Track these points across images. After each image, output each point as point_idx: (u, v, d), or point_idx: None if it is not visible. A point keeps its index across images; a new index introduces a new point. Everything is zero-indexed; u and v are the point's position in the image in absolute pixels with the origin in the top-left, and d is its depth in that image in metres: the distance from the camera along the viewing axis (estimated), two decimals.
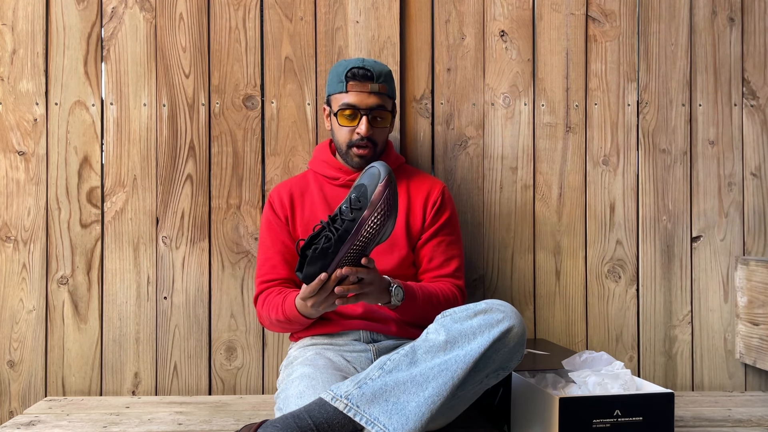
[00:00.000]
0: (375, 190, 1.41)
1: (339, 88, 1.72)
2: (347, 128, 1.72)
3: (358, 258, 1.45)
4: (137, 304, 2.05)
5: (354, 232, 1.41)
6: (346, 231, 1.41)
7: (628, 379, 1.54)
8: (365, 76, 1.69)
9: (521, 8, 2.14)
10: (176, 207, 2.06)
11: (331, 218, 1.44)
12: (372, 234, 1.42)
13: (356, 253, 1.44)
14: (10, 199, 2.04)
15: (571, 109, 2.15)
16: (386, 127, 1.75)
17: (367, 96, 1.70)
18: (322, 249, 1.42)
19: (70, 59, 2.05)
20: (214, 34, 2.08)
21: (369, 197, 1.41)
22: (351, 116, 1.71)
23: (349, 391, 1.34)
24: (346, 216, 1.42)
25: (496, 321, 1.40)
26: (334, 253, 1.42)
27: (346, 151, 1.75)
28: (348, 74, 1.70)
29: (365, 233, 1.41)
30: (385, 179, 1.42)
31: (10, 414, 2.03)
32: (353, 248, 1.43)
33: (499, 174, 2.14)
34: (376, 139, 1.73)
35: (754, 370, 2.17)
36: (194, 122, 2.07)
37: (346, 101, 1.70)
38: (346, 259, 1.43)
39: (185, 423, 1.74)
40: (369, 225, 1.41)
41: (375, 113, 1.71)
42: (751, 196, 2.19)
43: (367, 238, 1.42)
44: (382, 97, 1.72)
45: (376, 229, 1.42)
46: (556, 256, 2.14)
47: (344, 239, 1.42)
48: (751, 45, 2.19)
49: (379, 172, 1.44)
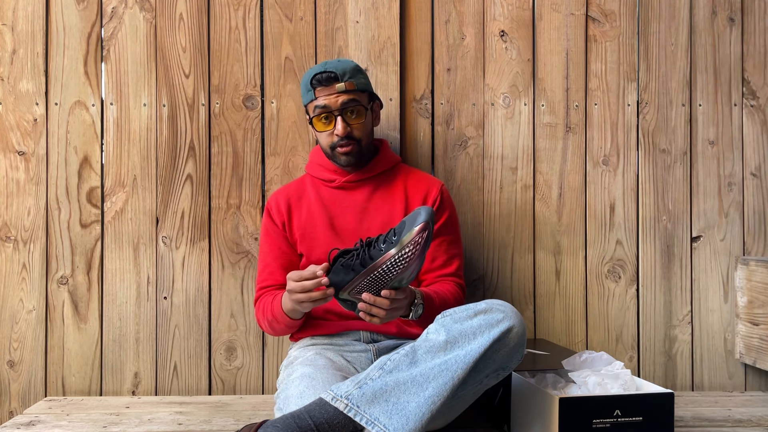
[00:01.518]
0: (411, 231, 1.41)
1: (309, 97, 1.74)
2: (325, 132, 1.73)
3: (379, 287, 1.46)
4: (137, 304, 2.05)
5: (377, 263, 1.43)
6: (371, 258, 1.43)
7: (628, 379, 1.54)
8: (329, 78, 1.70)
9: (521, 8, 2.14)
10: (176, 207, 2.06)
11: (368, 241, 1.47)
12: (393, 272, 1.43)
13: (376, 283, 1.45)
14: (10, 199, 2.04)
15: (571, 109, 2.15)
16: (363, 121, 1.75)
17: (336, 96, 1.70)
18: (347, 265, 1.46)
19: (70, 59, 2.05)
20: (214, 34, 2.08)
21: (403, 236, 1.42)
22: (326, 119, 1.72)
23: (350, 391, 1.34)
24: (378, 245, 1.44)
25: (496, 321, 1.40)
26: (355, 273, 1.45)
27: (331, 153, 1.76)
28: (313, 81, 1.71)
29: (386, 268, 1.42)
30: (421, 225, 1.41)
31: (10, 414, 2.03)
32: (372, 277, 1.44)
33: (499, 174, 2.14)
34: (355, 135, 1.73)
35: (754, 370, 2.17)
36: (194, 122, 2.07)
37: (318, 105, 1.71)
38: (365, 284, 1.46)
39: (185, 423, 1.74)
40: (392, 262, 1.42)
41: (347, 110, 1.72)
42: (751, 196, 2.19)
43: (386, 273, 1.43)
44: (352, 93, 1.72)
45: (399, 269, 1.42)
46: (556, 256, 2.14)
47: (366, 265, 1.44)
48: (751, 45, 2.19)
49: (420, 212, 1.43)
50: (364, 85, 1.76)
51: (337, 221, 1.77)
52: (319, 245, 1.76)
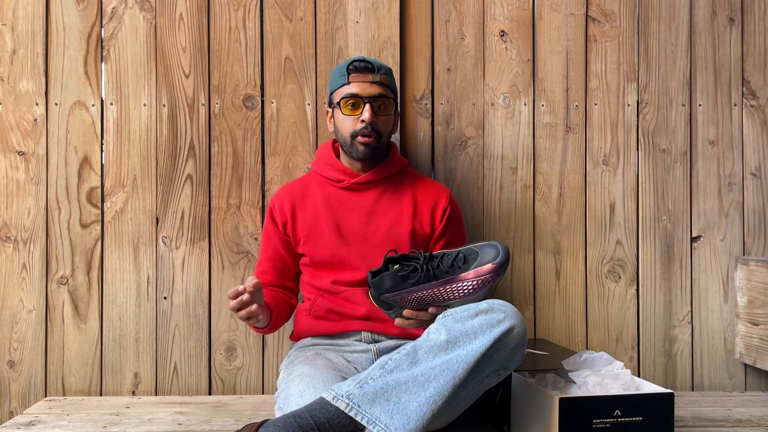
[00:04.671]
0: (485, 264, 1.42)
1: (341, 82, 1.74)
2: (351, 117, 1.73)
3: (426, 304, 1.47)
4: (137, 304, 2.05)
5: (441, 283, 1.43)
6: (435, 276, 1.43)
7: (628, 379, 1.54)
8: (366, 68, 1.72)
9: (521, 8, 2.14)
10: (176, 207, 2.06)
11: (431, 255, 1.46)
12: (451, 296, 1.44)
13: (425, 301, 1.46)
14: (10, 199, 2.04)
15: (571, 109, 2.15)
16: (390, 115, 1.76)
17: (369, 85, 1.72)
18: (404, 276, 1.45)
19: (70, 59, 2.05)
20: (214, 34, 2.08)
21: (474, 265, 1.42)
22: (354, 105, 1.72)
23: (351, 391, 1.34)
24: (444, 265, 1.43)
25: (497, 321, 1.40)
26: (411, 286, 1.44)
27: (351, 142, 1.74)
28: (350, 67, 1.73)
29: (447, 290, 1.43)
30: (498, 264, 1.41)
31: (10, 414, 2.03)
32: (427, 295, 1.45)
33: (499, 174, 2.14)
34: (380, 129, 1.74)
35: (754, 370, 2.17)
36: (194, 122, 2.07)
37: (349, 91, 1.72)
38: (413, 299, 1.46)
39: (185, 423, 1.74)
40: (457, 287, 1.43)
41: (378, 101, 1.73)
42: (751, 196, 2.19)
43: (444, 295, 1.44)
44: (384, 88, 1.74)
45: (457, 295, 1.43)
46: (556, 256, 2.14)
47: (428, 281, 1.44)
48: (751, 45, 2.20)
49: (499, 252, 1.43)
50: (394, 87, 1.79)
51: (342, 223, 1.77)
52: (323, 246, 1.76)
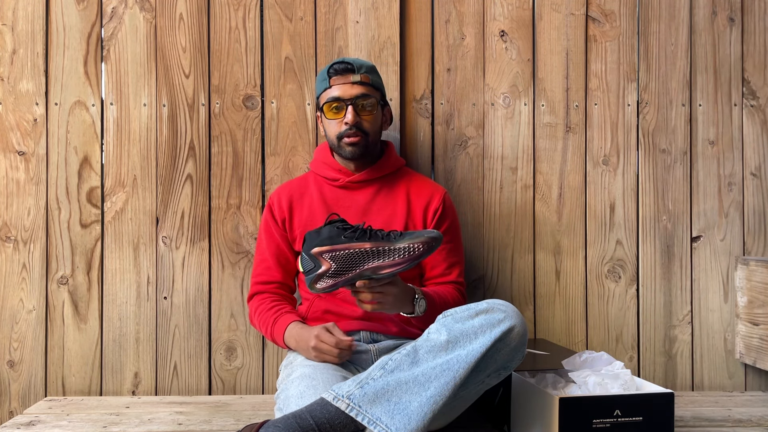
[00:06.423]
0: (418, 237, 1.46)
1: (324, 86, 1.75)
2: (335, 121, 1.74)
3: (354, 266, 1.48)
4: (137, 304, 2.05)
5: (374, 243, 1.46)
6: (370, 238, 1.47)
7: (628, 379, 1.54)
8: (346, 69, 1.73)
9: (521, 8, 2.14)
10: (176, 207, 2.06)
11: (372, 228, 1.51)
12: (381, 258, 1.46)
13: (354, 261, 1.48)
14: (10, 199, 2.04)
15: (571, 109, 2.15)
16: (374, 114, 1.76)
17: (350, 86, 1.72)
18: (342, 229, 1.50)
19: (70, 59, 2.05)
20: (214, 34, 2.08)
21: (408, 238, 1.46)
22: (337, 108, 1.73)
23: (351, 391, 1.34)
24: (382, 233, 1.49)
25: (497, 321, 1.40)
26: (345, 241, 1.48)
27: (338, 144, 1.76)
28: (330, 70, 1.74)
29: (378, 251, 1.46)
30: (431, 237, 1.46)
31: (10, 414, 2.03)
32: (357, 254, 1.47)
33: (499, 174, 2.14)
34: (365, 128, 1.74)
35: (754, 370, 2.17)
36: (194, 122, 2.07)
37: (331, 95, 1.73)
38: (342, 257, 1.48)
39: (185, 423, 1.74)
40: (387, 248, 1.46)
41: (361, 101, 1.73)
42: (751, 196, 2.19)
43: (374, 257, 1.46)
44: (366, 87, 1.74)
45: (388, 261, 1.46)
46: (556, 256, 2.14)
47: (362, 240, 1.47)
48: (751, 45, 2.20)
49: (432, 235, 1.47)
50: (377, 83, 1.79)
51: None
52: None
